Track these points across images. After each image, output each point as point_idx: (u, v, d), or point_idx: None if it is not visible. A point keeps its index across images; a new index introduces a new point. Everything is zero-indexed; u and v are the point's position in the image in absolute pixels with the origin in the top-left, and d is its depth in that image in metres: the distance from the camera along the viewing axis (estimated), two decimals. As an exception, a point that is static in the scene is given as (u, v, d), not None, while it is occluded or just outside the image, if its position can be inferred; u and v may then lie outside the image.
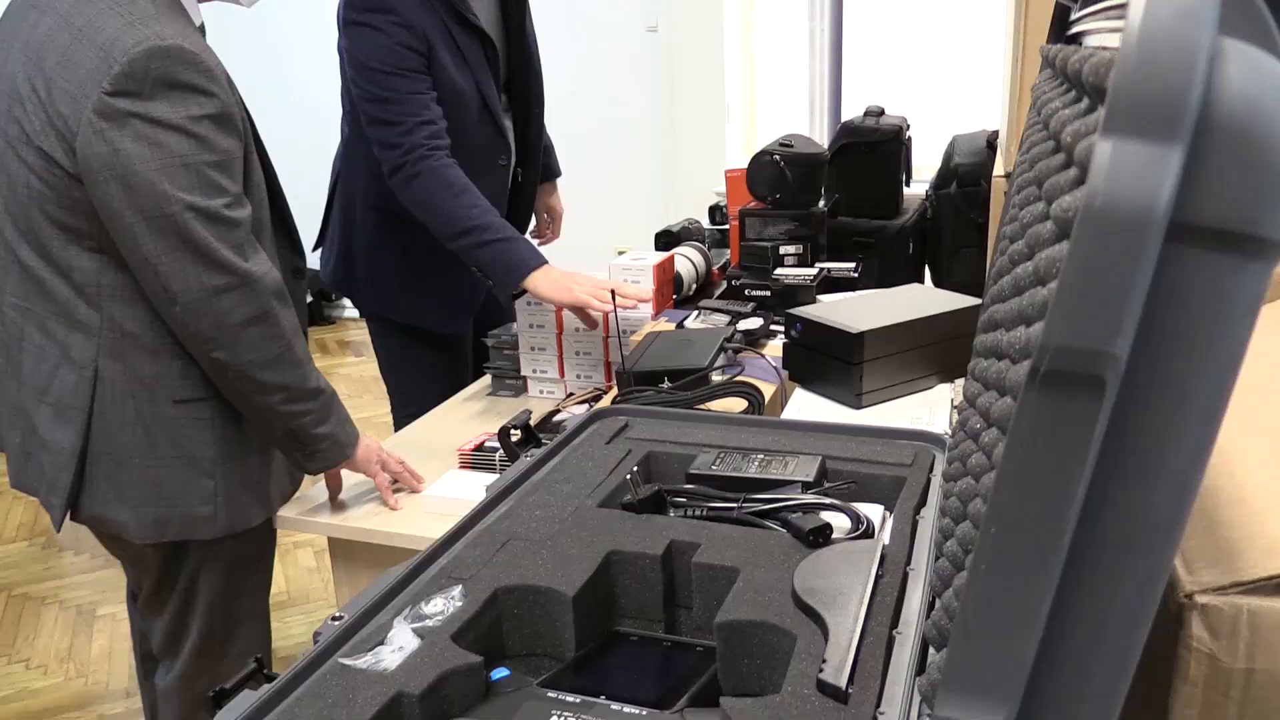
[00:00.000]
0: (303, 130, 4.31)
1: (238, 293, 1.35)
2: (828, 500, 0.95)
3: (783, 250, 2.23)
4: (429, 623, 0.78)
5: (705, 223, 2.79)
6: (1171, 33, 0.37)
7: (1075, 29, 0.87)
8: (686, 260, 2.29)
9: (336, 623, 0.78)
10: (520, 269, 1.84)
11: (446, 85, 1.95)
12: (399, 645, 0.75)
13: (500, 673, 0.77)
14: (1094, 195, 0.37)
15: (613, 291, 1.80)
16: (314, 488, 1.62)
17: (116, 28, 1.28)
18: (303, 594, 2.95)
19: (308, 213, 2.26)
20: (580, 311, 1.84)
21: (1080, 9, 0.86)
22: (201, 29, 1.43)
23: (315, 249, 2.27)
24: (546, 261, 1.87)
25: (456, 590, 0.82)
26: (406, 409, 2.18)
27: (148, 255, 1.31)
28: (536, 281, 1.83)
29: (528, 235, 2.37)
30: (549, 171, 2.45)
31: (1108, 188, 0.37)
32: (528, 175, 2.28)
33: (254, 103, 1.52)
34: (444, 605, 0.80)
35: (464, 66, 1.98)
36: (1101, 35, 0.72)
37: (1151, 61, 0.37)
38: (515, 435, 1.31)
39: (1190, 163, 0.38)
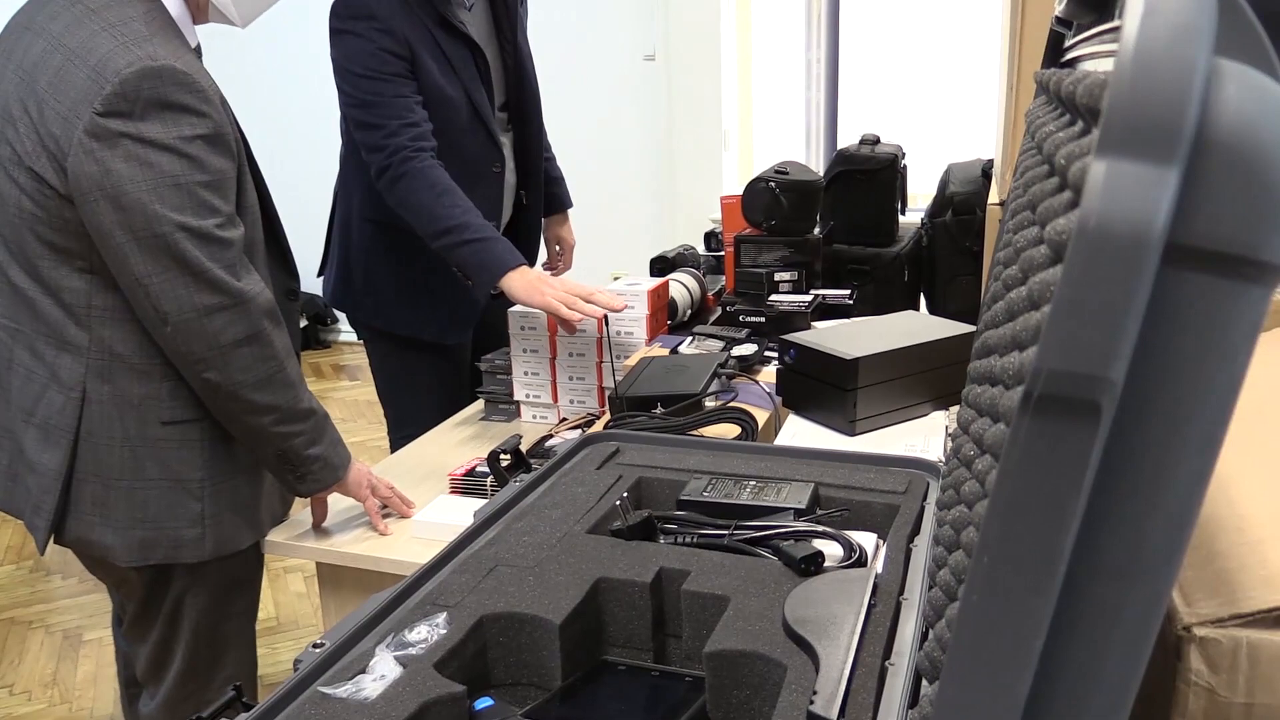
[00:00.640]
0: (306, 157, 4.32)
1: (229, 312, 1.34)
2: (820, 528, 0.93)
3: (778, 277, 2.23)
4: (412, 651, 0.77)
5: (701, 249, 2.79)
6: (1167, 52, 0.36)
7: (1070, 55, 0.87)
8: (681, 286, 2.28)
9: (317, 650, 0.77)
10: (497, 268, 1.84)
11: (433, 90, 1.96)
12: (380, 674, 0.74)
13: (484, 702, 0.76)
14: (1088, 216, 0.36)
15: (603, 319, 1.80)
16: (304, 511, 1.60)
17: (109, 49, 1.28)
18: (292, 620, 2.92)
19: (310, 239, 2.27)
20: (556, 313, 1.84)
21: (1075, 35, 0.86)
22: (198, 50, 1.43)
23: (320, 275, 2.27)
24: (525, 262, 1.87)
25: (441, 617, 0.81)
26: (403, 430, 2.16)
27: (139, 275, 1.30)
28: (512, 281, 1.83)
29: (539, 266, 2.38)
30: (560, 202, 2.45)
31: (1102, 208, 0.36)
32: (532, 199, 2.28)
33: (257, 129, 1.52)
34: (428, 633, 0.79)
35: (451, 73, 1.98)
36: (1096, 60, 0.72)
37: (1146, 81, 0.36)
38: (505, 460, 1.30)
39: (1187, 184, 0.37)
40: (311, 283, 2.29)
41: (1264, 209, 0.37)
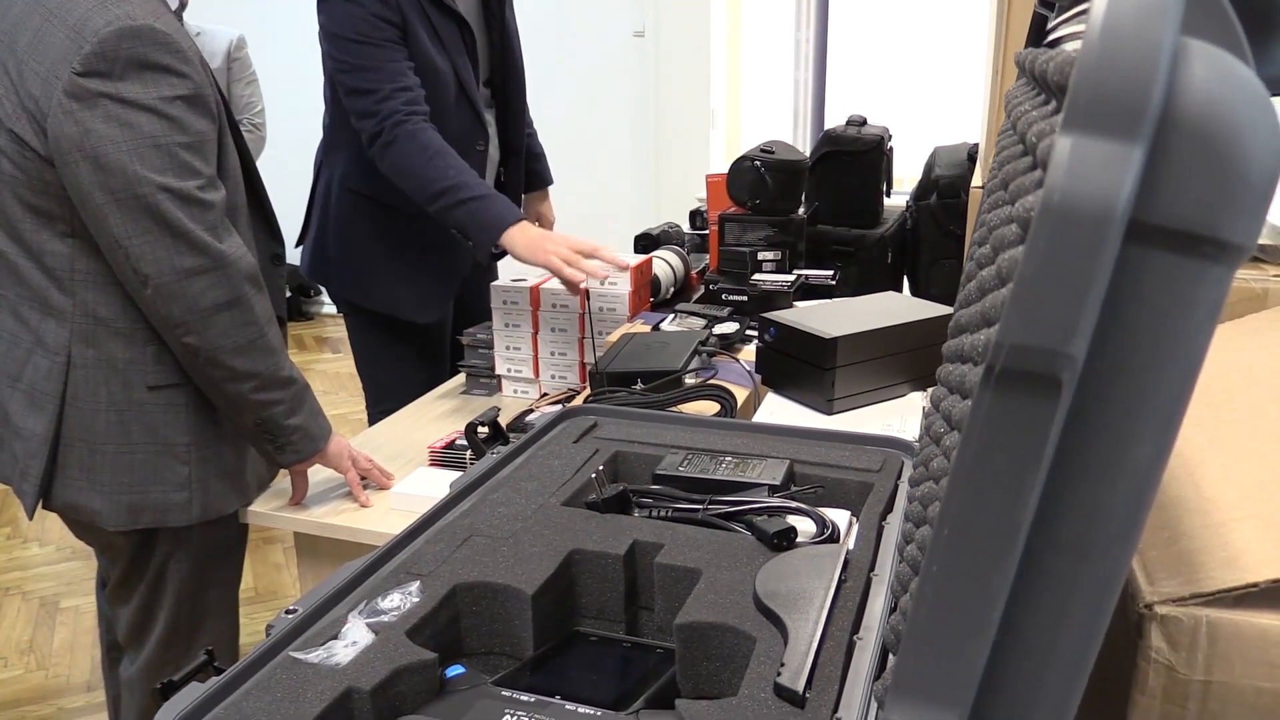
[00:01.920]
0: (290, 124, 4.29)
1: (210, 275, 1.33)
2: (794, 504, 0.94)
3: (761, 256, 2.23)
4: (384, 618, 0.77)
5: (686, 227, 2.79)
6: (1134, 30, 0.37)
7: (1052, 36, 0.87)
8: (665, 263, 2.28)
9: (290, 616, 0.77)
10: (497, 225, 1.82)
11: (422, 60, 1.94)
12: (352, 640, 0.74)
13: (455, 670, 0.76)
14: (1052, 191, 0.37)
15: (585, 292, 1.79)
16: (285, 481, 1.60)
17: (88, 8, 1.27)
18: (271, 590, 2.92)
19: (297, 206, 2.25)
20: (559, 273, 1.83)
21: (1057, 16, 0.86)
22: (179, 11, 1.41)
23: (297, 245, 2.25)
24: (525, 218, 1.86)
25: (414, 586, 0.81)
26: (381, 405, 2.16)
27: (119, 237, 1.29)
28: (514, 238, 1.81)
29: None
30: (540, 179, 2.44)
31: (1066, 184, 0.37)
32: (511, 174, 2.27)
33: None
34: (401, 601, 0.79)
35: (440, 46, 1.97)
36: (1075, 41, 0.72)
37: (1113, 57, 0.36)
38: (482, 431, 1.30)
39: (1151, 162, 0.37)
40: (294, 253, 2.28)
41: (1227, 188, 0.37)
